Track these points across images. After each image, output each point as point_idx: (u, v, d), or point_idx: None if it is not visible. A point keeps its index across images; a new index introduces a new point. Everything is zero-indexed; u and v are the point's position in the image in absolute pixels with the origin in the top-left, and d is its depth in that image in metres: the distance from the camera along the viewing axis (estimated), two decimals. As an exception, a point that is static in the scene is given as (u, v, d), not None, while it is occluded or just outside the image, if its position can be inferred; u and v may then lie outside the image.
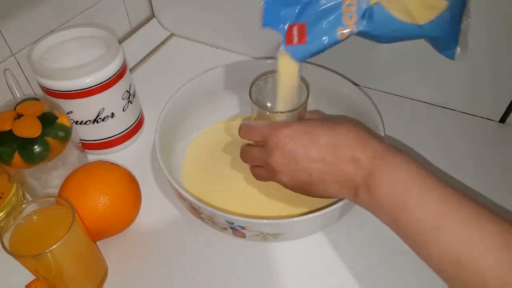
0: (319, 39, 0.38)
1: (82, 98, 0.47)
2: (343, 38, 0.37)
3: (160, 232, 0.46)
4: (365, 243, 0.44)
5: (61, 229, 0.36)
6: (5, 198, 0.44)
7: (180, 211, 0.48)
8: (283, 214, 0.46)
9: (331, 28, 0.37)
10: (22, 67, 0.53)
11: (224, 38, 0.70)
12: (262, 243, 0.44)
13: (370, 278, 0.42)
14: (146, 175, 0.51)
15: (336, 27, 0.37)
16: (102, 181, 0.42)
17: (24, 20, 0.51)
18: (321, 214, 0.39)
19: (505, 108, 0.55)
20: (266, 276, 0.42)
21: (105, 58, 0.47)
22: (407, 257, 0.43)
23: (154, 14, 0.74)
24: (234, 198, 0.47)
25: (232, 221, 0.40)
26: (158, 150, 0.45)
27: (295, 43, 0.39)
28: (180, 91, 0.52)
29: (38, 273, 0.36)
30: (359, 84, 0.62)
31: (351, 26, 0.37)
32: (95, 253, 0.41)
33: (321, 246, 0.44)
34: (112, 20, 0.66)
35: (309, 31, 0.38)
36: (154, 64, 0.69)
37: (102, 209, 0.41)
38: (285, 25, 0.38)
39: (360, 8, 0.36)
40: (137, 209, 0.46)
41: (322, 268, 0.43)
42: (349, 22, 0.37)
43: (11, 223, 0.36)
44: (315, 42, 0.38)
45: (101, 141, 0.53)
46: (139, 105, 0.56)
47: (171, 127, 0.50)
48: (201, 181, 0.50)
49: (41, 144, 0.42)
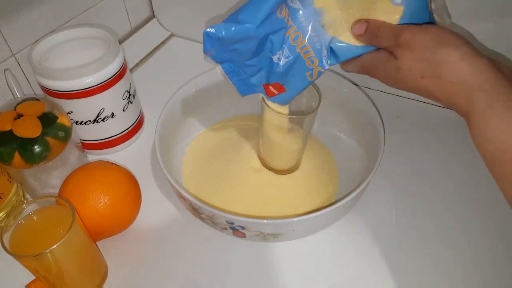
0: (296, 85, 0.41)
1: (82, 98, 0.47)
2: (315, 78, 0.40)
3: (160, 232, 0.46)
4: (365, 243, 0.44)
5: (61, 229, 0.36)
6: (5, 198, 0.44)
7: (180, 211, 0.48)
8: (283, 214, 0.46)
9: (301, 75, 0.40)
10: (22, 67, 0.53)
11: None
12: (262, 243, 0.44)
13: (370, 278, 0.42)
14: (146, 175, 0.51)
15: (304, 73, 0.40)
16: (102, 181, 0.42)
17: (24, 20, 0.51)
18: (321, 214, 0.39)
19: (505, 108, 0.55)
20: (266, 276, 0.42)
21: (105, 58, 0.47)
22: (407, 257, 0.43)
23: (154, 14, 0.74)
24: (234, 198, 0.47)
25: (232, 221, 0.40)
26: (158, 150, 0.45)
27: (276, 94, 0.42)
28: (180, 91, 0.52)
29: (38, 273, 0.36)
30: (359, 84, 0.62)
31: (316, 69, 0.39)
32: (95, 253, 0.41)
33: (321, 246, 0.44)
34: (112, 20, 0.66)
35: (283, 82, 0.41)
36: (154, 64, 0.69)
37: (102, 209, 0.41)
38: (260, 87, 0.42)
39: (318, 51, 0.38)
40: (137, 209, 0.46)
41: (322, 268, 0.43)
42: (313, 65, 0.39)
43: (11, 223, 0.36)
44: (293, 87, 0.41)
45: (101, 141, 0.53)
46: (139, 105, 0.56)
47: (171, 127, 0.50)
48: (201, 181, 0.50)
49: (41, 144, 0.42)
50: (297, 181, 0.48)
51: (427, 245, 0.44)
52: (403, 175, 0.50)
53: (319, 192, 0.48)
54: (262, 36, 0.37)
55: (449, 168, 0.51)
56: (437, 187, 0.49)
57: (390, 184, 0.49)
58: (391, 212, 0.47)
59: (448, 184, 0.49)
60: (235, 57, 0.39)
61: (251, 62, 0.40)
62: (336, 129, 0.54)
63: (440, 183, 0.49)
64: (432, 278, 0.41)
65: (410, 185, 0.49)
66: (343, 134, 0.54)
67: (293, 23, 0.38)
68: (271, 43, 0.38)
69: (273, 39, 0.38)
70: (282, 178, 0.48)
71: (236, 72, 0.41)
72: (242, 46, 0.38)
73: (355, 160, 0.50)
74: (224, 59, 0.39)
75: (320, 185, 0.48)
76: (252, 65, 0.40)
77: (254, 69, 0.40)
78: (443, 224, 0.45)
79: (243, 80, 0.41)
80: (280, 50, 0.39)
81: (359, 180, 0.43)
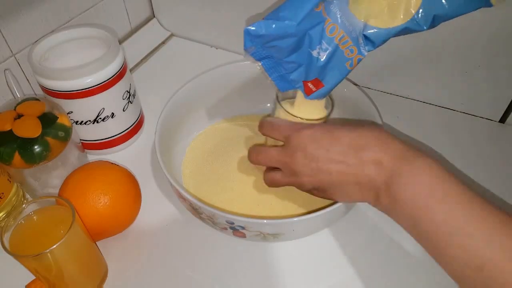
0: (335, 77, 0.41)
1: (82, 98, 0.47)
2: (354, 66, 0.40)
3: (160, 232, 0.46)
4: (365, 243, 0.44)
5: (61, 229, 0.36)
6: (5, 198, 0.44)
7: (180, 211, 0.48)
8: (283, 214, 0.46)
9: (340, 66, 0.40)
10: (22, 67, 0.53)
11: (224, 38, 0.70)
12: (262, 243, 0.44)
13: (370, 278, 0.42)
14: (146, 175, 0.51)
15: (344, 63, 0.40)
16: (102, 181, 0.42)
17: (24, 20, 0.51)
18: (321, 214, 0.39)
19: (505, 108, 0.55)
20: (266, 276, 0.42)
21: (105, 58, 0.47)
22: (407, 257, 0.43)
23: (154, 14, 0.74)
24: (234, 198, 0.47)
25: (232, 221, 0.40)
26: (158, 150, 0.45)
27: (315, 90, 0.42)
28: (180, 91, 0.52)
29: (38, 273, 0.36)
30: (359, 84, 0.62)
31: (356, 57, 0.39)
32: (95, 253, 0.41)
33: (321, 246, 0.44)
34: (112, 20, 0.66)
35: (322, 78, 0.41)
36: (154, 64, 0.69)
37: (102, 209, 0.41)
38: (299, 83, 0.41)
39: (355, 40, 0.39)
40: (137, 209, 0.46)
41: (322, 268, 0.43)
42: (352, 55, 0.39)
43: (11, 223, 0.36)
44: (332, 80, 0.41)
45: (101, 141, 0.53)
46: (139, 105, 0.56)
47: (171, 127, 0.50)
48: (201, 181, 0.50)
49: (41, 144, 0.42)
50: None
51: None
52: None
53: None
54: (302, 32, 0.38)
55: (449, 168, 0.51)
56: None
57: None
58: (391, 212, 0.47)
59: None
60: (275, 54, 0.39)
61: (291, 59, 0.40)
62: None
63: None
64: (432, 278, 0.41)
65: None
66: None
67: (327, 15, 0.38)
68: (309, 38, 0.38)
69: (312, 34, 0.38)
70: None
71: (275, 69, 0.41)
72: (282, 43, 0.38)
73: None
74: (264, 56, 0.39)
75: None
76: (291, 61, 0.40)
77: (293, 65, 0.40)
78: (443, 224, 0.45)
79: (282, 76, 0.41)
80: (319, 45, 0.39)
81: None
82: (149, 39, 0.72)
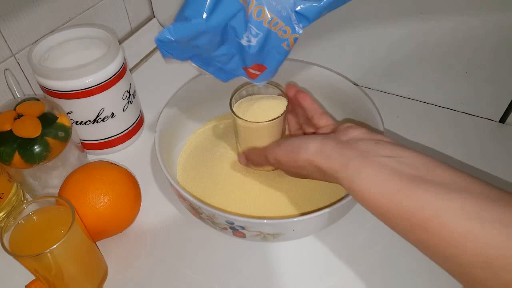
0: (274, 59, 0.38)
1: (82, 98, 0.47)
2: (292, 46, 0.38)
3: (160, 232, 0.46)
4: (365, 243, 0.44)
5: (61, 229, 0.36)
6: (5, 198, 0.44)
7: (180, 211, 0.48)
8: (283, 214, 0.46)
9: (277, 48, 0.37)
10: (22, 67, 0.53)
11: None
12: (262, 243, 0.44)
13: (370, 278, 0.42)
14: (146, 175, 0.51)
15: (280, 44, 0.37)
16: (102, 181, 0.42)
17: (24, 20, 0.51)
18: (321, 214, 0.39)
19: (505, 108, 0.55)
20: (266, 276, 0.42)
21: (105, 58, 0.47)
22: (407, 257, 0.43)
23: (154, 14, 0.74)
24: (234, 198, 0.47)
25: (232, 221, 0.40)
26: (158, 150, 0.45)
27: (259, 74, 0.40)
28: (180, 91, 0.52)
29: (38, 273, 0.36)
30: (359, 84, 0.62)
31: (291, 36, 0.37)
32: (95, 253, 0.41)
33: (321, 246, 0.44)
34: (112, 20, 0.66)
35: (263, 61, 0.39)
36: (154, 64, 0.69)
37: (102, 209, 0.41)
38: (239, 70, 0.40)
39: (286, 19, 0.36)
40: (137, 209, 0.46)
41: (322, 268, 0.43)
42: (286, 35, 0.37)
43: (11, 223, 0.36)
44: (273, 62, 0.39)
45: (101, 141, 0.53)
46: (139, 105, 0.56)
47: (171, 127, 0.50)
48: (202, 181, 0.50)
49: (41, 144, 0.42)
50: (298, 181, 0.48)
51: (427, 245, 0.44)
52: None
53: (320, 192, 0.48)
54: (218, 26, 0.35)
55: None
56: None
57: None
58: (391, 212, 0.47)
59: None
60: (202, 51, 0.37)
61: (221, 52, 0.37)
62: (336, 129, 0.54)
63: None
64: (432, 278, 0.41)
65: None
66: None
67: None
68: (233, 28, 0.36)
69: (234, 24, 0.35)
70: (283, 178, 0.48)
71: (209, 63, 0.39)
72: (202, 41, 0.35)
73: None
74: (190, 56, 0.38)
75: (322, 185, 0.48)
76: (223, 54, 0.38)
77: (226, 57, 0.38)
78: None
79: (219, 68, 0.40)
80: (247, 31, 0.36)
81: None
82: (149, 39, 0.72)
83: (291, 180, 0.48)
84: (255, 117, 0.44)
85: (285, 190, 0.47)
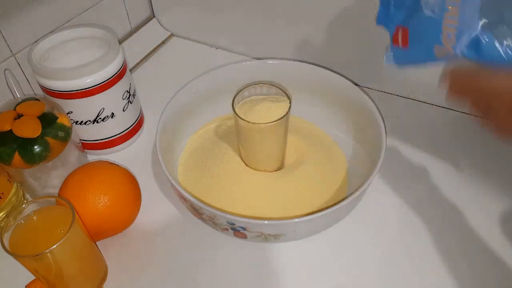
0: (418, 51, 0.36)
1: (82, 98, 0.47)
2: (439, 58, 0.35)
3: (160, 232, 0.46)
4: (367, 244, 0.44)
5: (61, 229, 0.36)
6: (5, 198, 0.44)
7: (180, 211, 0.48)
8: (285, 215, 0.46)
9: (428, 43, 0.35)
10: (22, 67, 0.53)
11: (224, 38, 0.70)
12: (263, 244, 0.44)
13: (371, 279, 0.42)
14: (146, 175, 0.51)
15: (433, 44, 0.34)
16: (102, 181, 0.42)
17: (24, 20, 0.51)
18: (322, 215, 0.39)
19: (506, 108, 0.55)
20: (267, 277, 0.42)
21: (105, 58, 0.47)
22: (408, 258, 0.43)
23: (154, 14, 0.74)
24: (235, 198, 0.47)
25: (233, 221, 0.40)
26: (159, 151, 0.45)
27: (400, 44, 0.38)
28: (181, 91, 0.52)
29: (38, 273, 0.36)
30: (359, 84, 0.62)
31: (448, 47, 0.33)
32: (95, 253, 0.41)
33: (322, 247, 0.44)
34: (112, 20, 0.66)
35: (410, 38, 0.37)
36: (154, 64, 0.69)
37: (102, 209, 0.41)
38: (393, 25, 0.38)
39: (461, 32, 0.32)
40: (137, 209, 0.46)
41: (323, 269, 0.43)
42: (447, 41, 0.33)
43: (11, 223, 0.36)
44: (414, 53, 0.37)
45: (101, 141, 0.53)
46: (139, 105, 0.56)
47: (172, 127, 0.50)
48: (202, 181, 0.50)
49: (41, 144, 0.42)
50: (299, 182, 0.48)
51: (429, 245, 0.44)
52: (404, 175, 0.50)
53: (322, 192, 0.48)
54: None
55: (450, 168, 0.51)
56: (438, 187, 0.49)
57: (391, 185, 0.49)
58: (393, 213, 0.47)
59: (449, 183, 0.49)
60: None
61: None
62: (336, 129, 0.54)
63: (441, 182, 0.49)
64: (434, 279, 0.41)
65: (411, 185, 0.49)
66: (344, 134, 0.54)
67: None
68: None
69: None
70: (285, 179, 0.48)
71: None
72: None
73: (356, 160, 0.50)
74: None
75: (323, 186, 0.48)
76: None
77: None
78: (446, 224, 0.45)
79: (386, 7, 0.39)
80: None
81: (360, 181, 0.43)
82: (149, 39, 0.72)
83: (292, 180, 0.48)
84: (258, 118, 0.44)
85: (286, 191, 0.47)
